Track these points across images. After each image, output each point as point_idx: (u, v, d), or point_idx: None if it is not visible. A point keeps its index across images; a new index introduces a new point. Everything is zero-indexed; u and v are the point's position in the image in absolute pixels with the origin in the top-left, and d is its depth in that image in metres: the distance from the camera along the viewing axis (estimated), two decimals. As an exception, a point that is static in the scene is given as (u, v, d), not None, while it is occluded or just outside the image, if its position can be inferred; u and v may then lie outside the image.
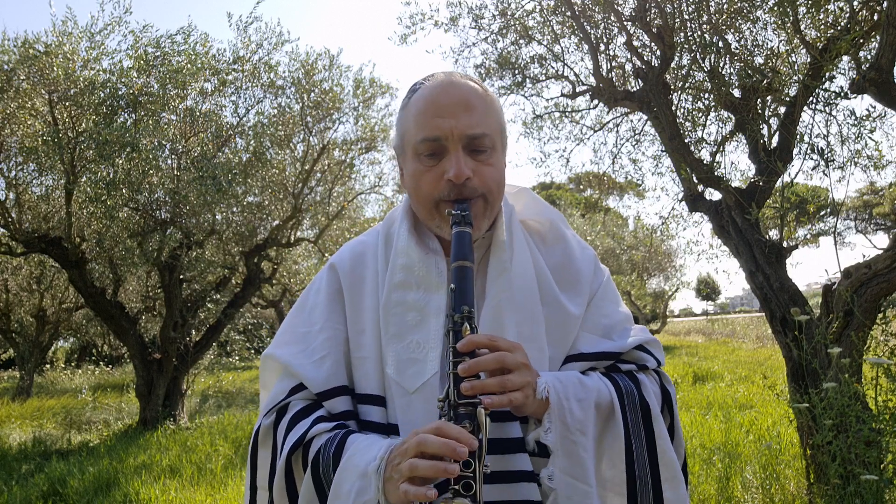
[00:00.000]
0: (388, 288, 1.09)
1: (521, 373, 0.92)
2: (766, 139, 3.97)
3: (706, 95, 4.37)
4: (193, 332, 9.40)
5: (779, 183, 3.86)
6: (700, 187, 4.21)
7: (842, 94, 3.48)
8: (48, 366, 19.24)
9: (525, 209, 1.21)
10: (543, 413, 0.96)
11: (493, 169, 1.06)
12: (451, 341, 0.93)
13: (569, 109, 5.70)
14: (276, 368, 1.13)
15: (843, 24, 3.53)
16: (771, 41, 4.20)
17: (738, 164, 12.96)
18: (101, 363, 19.15)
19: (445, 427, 0.84)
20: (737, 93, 4.04)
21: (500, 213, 1.12)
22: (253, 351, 13.23)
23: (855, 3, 3.38)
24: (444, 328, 0.97)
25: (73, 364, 21.32)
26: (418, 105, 1.05)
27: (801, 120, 3.82)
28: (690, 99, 4.53)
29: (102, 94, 6.52)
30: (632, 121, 5.50)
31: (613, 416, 1.01)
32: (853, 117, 3.77)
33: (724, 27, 4.11)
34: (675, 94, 4.41)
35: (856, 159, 3.87)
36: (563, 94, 5.52)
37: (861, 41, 3.49)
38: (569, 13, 4.74)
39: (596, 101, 5.18)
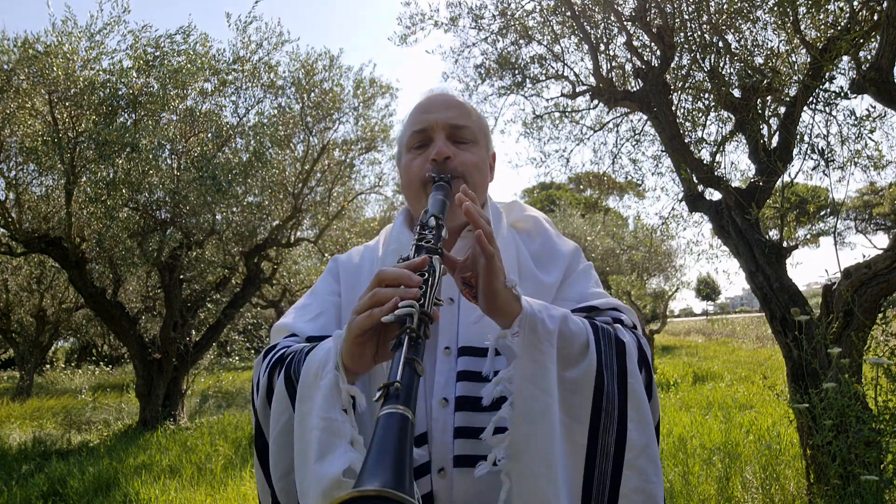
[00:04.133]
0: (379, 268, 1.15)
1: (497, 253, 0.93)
2: (766, 139, 3.97)
3: (706, 95, 4.37)
4: (193, 332, 9.40)
5: (779, 183, 3.86)
6: (700, 187, 4.21)
7: (842, 94, 3.48)
8: (48, 366, 19.24)
9: (513, 214, 1.31)
10: (514, 320, 0.93)
11: (472, 155, 1.17)
12: (429, 208, 1.00)
13: (569, 109, 5.70)
14: (281, 332, 1.20)
15: (843, 24, 3.53)
16: (771, 41, 4.20)
17: (738, 164, 12.92)
18: (101, 363, 19.13)
19: (400, 263, 0.88)
20: (737, 93, 4.04)
21: (486, 208, 1.21)
22: (253, 351, 13.20)
23: (855, 3, 3.38)
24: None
25: (73, 364, 21.32)
26: (411, 111, 1.23)
27: (801, 120, 3.82)
28: (690, 99, 4.53)
29: (102, 94, 6.51)
30: (632, 121, 5.50)
31: (587, 346, 0.98)
32: (853, 117, 3.78)
33: (724, 27, 4.11)
34: (675, 94, 4.40)
35: (856, 159, 3.87)
36: (563, 94, 5.52)
37: (861, 41, 3.48)
38: (569, 13, 4.74)
39: (596, 101, 5.18)
